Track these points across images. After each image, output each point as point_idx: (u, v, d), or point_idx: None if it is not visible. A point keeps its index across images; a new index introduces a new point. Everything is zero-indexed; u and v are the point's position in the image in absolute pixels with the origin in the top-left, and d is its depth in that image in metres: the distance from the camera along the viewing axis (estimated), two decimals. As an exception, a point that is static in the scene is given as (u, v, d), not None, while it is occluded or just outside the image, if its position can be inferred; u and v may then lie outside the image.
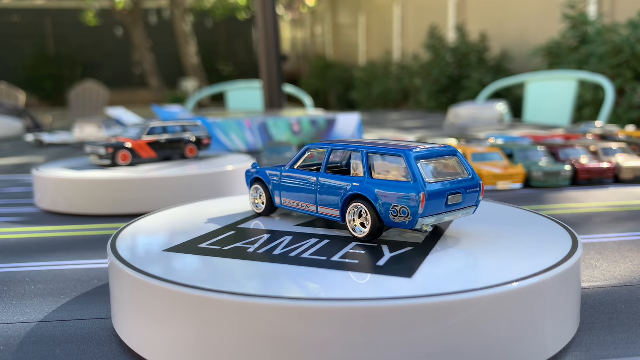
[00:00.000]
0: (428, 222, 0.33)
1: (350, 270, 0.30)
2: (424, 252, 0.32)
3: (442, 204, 0.34)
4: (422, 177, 0.33)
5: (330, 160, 0.40)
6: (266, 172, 0.43)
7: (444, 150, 0.36)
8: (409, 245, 0.34)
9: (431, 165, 0.35)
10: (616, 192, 0.72)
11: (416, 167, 0.33)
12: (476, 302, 0.25)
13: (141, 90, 8.83)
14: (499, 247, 0.33)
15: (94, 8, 8.07)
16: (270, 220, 0.42)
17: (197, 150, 0.76)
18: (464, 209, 0.36)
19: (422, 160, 0.34)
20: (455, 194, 0.34)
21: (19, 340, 0.32)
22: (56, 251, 0.50)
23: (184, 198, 0.62)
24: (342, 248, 0.34)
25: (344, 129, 1.22)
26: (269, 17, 1.56)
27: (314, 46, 9.49)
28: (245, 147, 1.15)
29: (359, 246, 0.34)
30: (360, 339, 0.24)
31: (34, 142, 1.41)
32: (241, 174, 0.70)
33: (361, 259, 0.32)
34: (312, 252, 0.33)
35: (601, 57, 2.39)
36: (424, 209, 0.33)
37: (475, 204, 0.36)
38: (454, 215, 0.35)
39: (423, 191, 0.32)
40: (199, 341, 0.26)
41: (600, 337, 0.31)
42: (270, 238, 0.37)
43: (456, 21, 4.54)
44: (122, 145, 0.70)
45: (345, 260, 0.31)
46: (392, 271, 0.29)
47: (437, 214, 0.34)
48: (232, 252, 0.34)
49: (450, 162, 0.36)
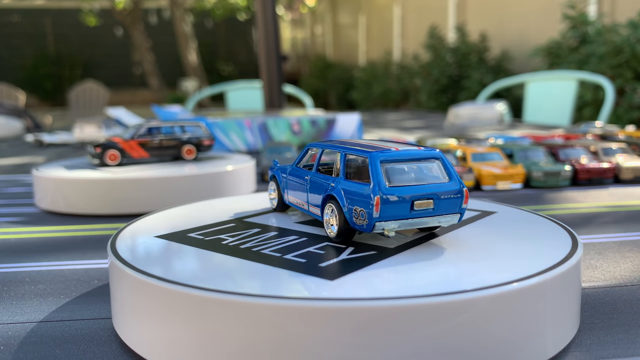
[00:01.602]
0: (390, 226, 0.32)
1: (284, 268, 0.30)
2: (384, 255, 0.32)
3: (405, 209, 0.32)
4: (380, 180, 0.32)
5: (324, 160, 0.41)
6: (279, 170, 0.44)
7: (422, 153, 0.34)
8: (375, 249, 0.33)
9: (401, 168, 0.33)
10: (616, 192, 0.72)
11: (377, 169, 0.33)
12: (476, 303, 0.25)
13: (141, 90, 8.84)
14: (499, 248, 0.33)
15: (93, 8, 8.06)
16: (277, 216, 0.43)
17: (197, 151, 0.75)
18: (443, 216, 0.34)
19: (391, 163, 0.33)
20: (424, 200, 0.33)
21: (18, 340, 0.32)
22: (56, 251, 0.50)
23: (184, 198, 0.62)
24: (308, 247, 0.34)
25: (344, 129, 1.22)
26: (269, 17, 1.56)
27: (314, 46, 9.49)
28: (245, 147, 1.15)
29: (329, 246, 0.34)
30: (360, 339, 0.24)
31: (33, 142, 1.41)
32: (241, 174, 0.70)
33: (310, 259, 0.32)
34: (275, 249, 0.34)
35: (601, 57, 2.39)
36: (379, 212, 0.32)
37: (458, 212, 0.34)
38: (426, 221, 0.33)
39: (377, 194, 0.32)
40: (198, 341, 0.26)
41: (601, 337, 0.31)
42: (255, 232, 0.38)
43: (456, 21, 4.54)
44: (111, 144, 0.70)
45: (295, 258, 0.32)
46: (322, 273, 0.29)
47: (400, 219, 0.33)
48: (207, 243, 0.35)
49: (430, 166, 0.34)
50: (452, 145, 0.90)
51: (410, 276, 0.28)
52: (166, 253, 0.34)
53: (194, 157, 0.75)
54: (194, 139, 0.75)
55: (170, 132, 0.74)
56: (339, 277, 0.28)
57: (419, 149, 0.35)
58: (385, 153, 0.33)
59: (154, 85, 7.53)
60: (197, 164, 0.71)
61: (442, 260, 0.31)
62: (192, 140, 0.74)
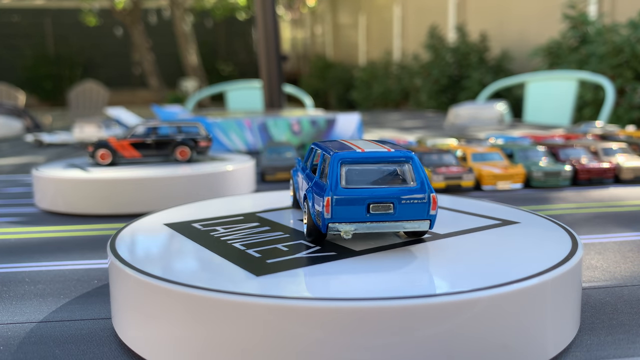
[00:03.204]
0: (346, 228, 0.32)
1: (233, 263, 0.31)
2: (340, 257, 0.32)
3: (361, 211, 0.31)
4: (334, 181, 0.32)
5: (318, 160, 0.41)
6: (295, 170, 0.45)
7: (390, 155, 0.33)
8: (341, 251, 0.33)
9: (364, 170, 0.33)
10: (616, 192, 0.72)
11: (334, 170, 0.32)
12: (476, 303, 0.25)
13: (141, 90, 8.84)
14: (499, 248, 0.33)
15: (93, 8, 8.06)
16: (291, 212, 0.44)
17: (191, 152, 0.72)
18: (408, 222, 0.32)
19: (352, 165, 0.32)
20: (381, 203, 0.32)
21: (18, 340, 0.32)
22: (56, 251, 0.49)
23: (184, 198, 0.62)
24: (280, 243, 0.35)
25: (344, 129, 1.22)
26: (269, 17, 1.56)
27: (314, 46, 9.49)
28: (245, 147, 1.15)
29: (302, 244, 0.34)
30: (360, 339, 0.24)
31: (33, 142, 1.41)
32: (241, 174, 0.70)
33: (268, 254, 0.32)
34: (246, 242, 0.35)
35: (601, 57, 2.39)
36: (330, 214, 0.31)
37: (426, 218, 0.32)
38: (387, 226, 0.32)
39: (329, 195, 0.31)
40: (199, 341, 0.26)
41: (601, 338, 0.31)
42: (252, 226, 0.39)
43: (456, 21, 4.54)
44: (103, 144, 0.70)
45: (254, 252, 0.33)
46: (258, 269, 0.29)
47: (356, 222, 0.32)
48: (195, 233, 0.37)
49: (399, 169, 0.33)
50: (452, 145, 0.90)
51: (343, 281, 0.28)
52: (166, 253, 0.34)
53: (187, 158, 0.72)
54: (188, 140, 0.72)
55: (164, 133, 0.72)
56: (267, 274, 0.29)
57: (389, 150, 0.33)
58: (347, 154, 0.33)
59: (154, 85, 7.53)
60: (192, 165, 0.71)
61: (416, 264, 0.31)
62: (186, 141, 0.72)
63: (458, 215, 0.42)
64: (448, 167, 0.74)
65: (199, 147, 0.72)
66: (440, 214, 0.41)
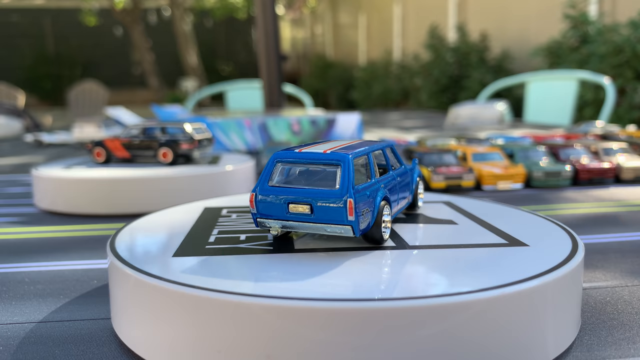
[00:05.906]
0: (273, 224, 0.33)
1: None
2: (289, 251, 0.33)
3: (282, 210, 0.32)
4: (263, 178, 0.33)
5: None
6: None
7: (323, 157, 0.32)
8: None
9: (297, 169, 0.33)
10: (617, 192, 0.72)
11: (268, 167, 0.33)
12: (476, 304, 0.25)
13: (141, 90, 8.83)
14: (499, 249, 0.33)
15: (93, 8, 8.06)
16: None
17: (174, 154, 0.68)
18: (328, 225, 0.31)
19: (286, 164, 0.33)
20: (298, 204, 0.32)
21: (18, 340, 0.31)
22: (55, 251, 0.49)
23: (184, 198, 0.62)
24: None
25: (344, 129, 1.22)
26: (268, 17, 1.55)
27: (314, 46, 9.49)
28: (245, 147, 1.15)
29: (276, 240, 0.35)
30: (359, 339, 0.24)
31: (33, 142, 1.41)
32: (241, 174, 0.69)
33: (219, 241, 0.35)
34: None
35: (602, 56, 2.39)
36: (255, 209, 0.33)
37: (347, 224, 0.31)
38: (308, 227, 0.32)
39: (253, 192, 0.33)
40: (198, 341, 0.26)
41: (602, 338, 0.30)
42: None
43: (456, 21, 4.54)
44: (99, 143, 0.72)
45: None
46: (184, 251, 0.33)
47: (280, 219, 0.32)
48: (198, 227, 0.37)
49: (330, 171, 0.32)
50: (452, 145, 0.90)
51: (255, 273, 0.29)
52: (166, 253, 0.34)
53: (170, 160, 0.69)
54: (170, 142, 0.69)
55: (151, 134, 0.70)
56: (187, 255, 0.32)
57: (325, 152, 0.33)
58: (284, 153, 0.34)
59: (154, 85, 7.53)
60: (197, 165, 0.70)
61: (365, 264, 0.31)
62: (169, 143, 0.69)
63: (465, 224, 0.42)
64: (448, 167, 0.74)
65: (180, 150, 0.69)
66: (444, 226, 0.41)
